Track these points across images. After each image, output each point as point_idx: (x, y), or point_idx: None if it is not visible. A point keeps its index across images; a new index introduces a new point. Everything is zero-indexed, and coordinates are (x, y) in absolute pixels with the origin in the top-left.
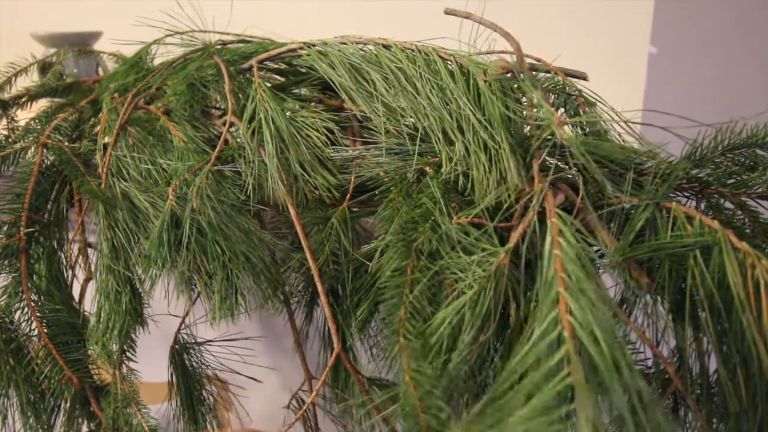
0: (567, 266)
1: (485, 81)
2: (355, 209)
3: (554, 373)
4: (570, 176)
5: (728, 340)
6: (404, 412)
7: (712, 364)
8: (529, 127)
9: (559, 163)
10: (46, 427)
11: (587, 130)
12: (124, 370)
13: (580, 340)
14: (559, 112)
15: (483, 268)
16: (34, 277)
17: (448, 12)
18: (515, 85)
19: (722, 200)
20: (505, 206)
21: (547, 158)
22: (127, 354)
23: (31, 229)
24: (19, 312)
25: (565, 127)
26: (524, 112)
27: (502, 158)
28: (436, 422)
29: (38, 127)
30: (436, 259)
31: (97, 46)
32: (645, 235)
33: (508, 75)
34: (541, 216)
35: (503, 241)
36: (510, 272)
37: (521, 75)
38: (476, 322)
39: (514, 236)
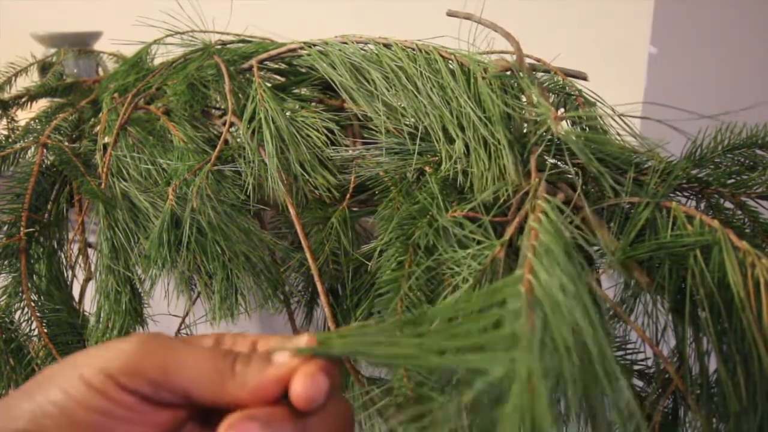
0: (541, 236)
1: (484, 78)
2: (355, 209)
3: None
4: (570, 176)
5: (728, 340)
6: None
7: (712, 363)
8: (527, 124)
9: (558, 162)
10: None
11: (587, 129)
12: None
13: (539, 302)
14: (560, 112)
15: (478, 262)
16: (34, 277)
17: (450, 14)
18: (514, 83)
19: (722, 200)
20: (501, 201)
21: (547, 158)
22: None
23: (31, 229)
24: (19, 312)
25: (564, 124)
26: (523, 110)
27: (500, 154)
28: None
29: (38, 127)
30: (433, 254)
31: (97, 46)
32: (645, 235)
33: (508, 73)
34: None
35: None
36: (506, 266)
37: (521, 73)
38: None
39: (510, 230)
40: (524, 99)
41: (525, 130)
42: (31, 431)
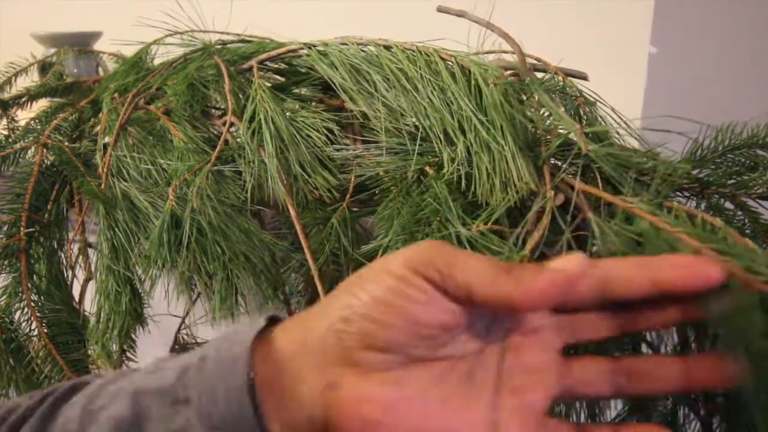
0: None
1: (495, 84)
2: (355, 209)
3: None
4: (569, 176)
5: (728, 340)
6: None
7: None
8: (536, 130)
9: (558, 162)
10: None
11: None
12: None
13: None
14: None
15: None
16: (34, 277)
17: (440, 10)
18: (518, 86)
19: (722, 201)
20: (517, 209)
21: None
22: (127, 354)
23: (31, 229)
24: (19, 312)
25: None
26: (533, 113)
27: (508, 160)
28: None
29: (38, 127)
30: None
31: (97, 46)
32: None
33: (514, 78)
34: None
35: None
36: None
37: (528, 79)
38: None
39: (531, 242)
40: (528, 104)
41: (535, 137)
42: (344, 316)
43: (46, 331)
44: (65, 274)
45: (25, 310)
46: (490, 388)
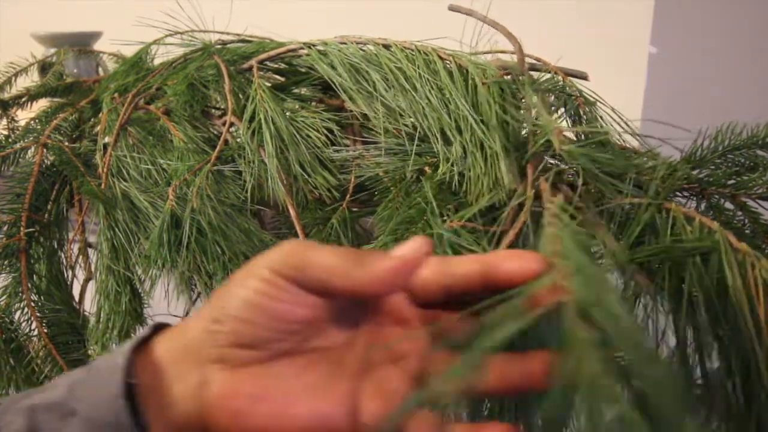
0: (565, 242)
1: (483, 83)
2: (354, 209)
3: None
4: (569, 176)
5: (728, 340)
6: None
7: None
8: (526, 131)
9: (558, 162)
10: None
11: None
12: None
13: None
14: (560, 111)
15: None
16: (34, 277)
17: (452, 8)
18: (515, 88)
19: (722, 201)
20: (498, 207)
21: (547, 158)
22: None
23: (31, 229)
24: (19, 312)
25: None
26: (521, 114)
27: (496, 159)
28: None
29: (38, 127)
30: None
31: (97, 46)
32: (645, 236)
33: (508, 77)
34: (535, 218)
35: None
36: None
37: (521, 77)
38: None
39: (506, 241)
40: (524, 104)
41: (524, 137)
42: (216, 317)
43: (46, 331)
44: (65, 274)
45: (25, 310)
46: (355, 376)
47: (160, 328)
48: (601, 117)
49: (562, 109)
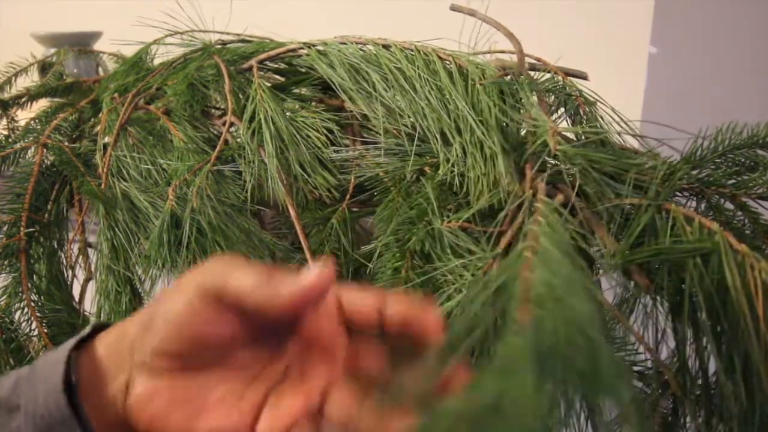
0: (541, 239)
1: (481, 84)
2: (354, 209)
3: None
4: (571, 176)
5: (727, 341)
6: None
7: (711, 365)
8: (525, 131)
9: (558, 163)
10: None
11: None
12: None
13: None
14: (560, 111)
15: (471, 272)
16: (34, 277)
17: (454, 8)
18: (515, 88)
19: (722, 201)
20: (497, 208)
21: (547, 158)
22: None
23: (31, 229)
24: (19, 312)
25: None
26: (521, 114)
27: (495, 160)
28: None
29: (38, 127)
30: (430, 260)
31: (97, 46)
32: (644, 236)
33: (507, 78)
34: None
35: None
36: None
37: (521, 77)
38: None
39: (504, 241)
40: (523, 104)
41: (523, 137)
42: (147, 324)
43: (46, 331)
44: (65, 274)
45: (25, 310)
46: (264, 391)
47: (100, 328)
48: (601, 117)
49: (562, 109)
